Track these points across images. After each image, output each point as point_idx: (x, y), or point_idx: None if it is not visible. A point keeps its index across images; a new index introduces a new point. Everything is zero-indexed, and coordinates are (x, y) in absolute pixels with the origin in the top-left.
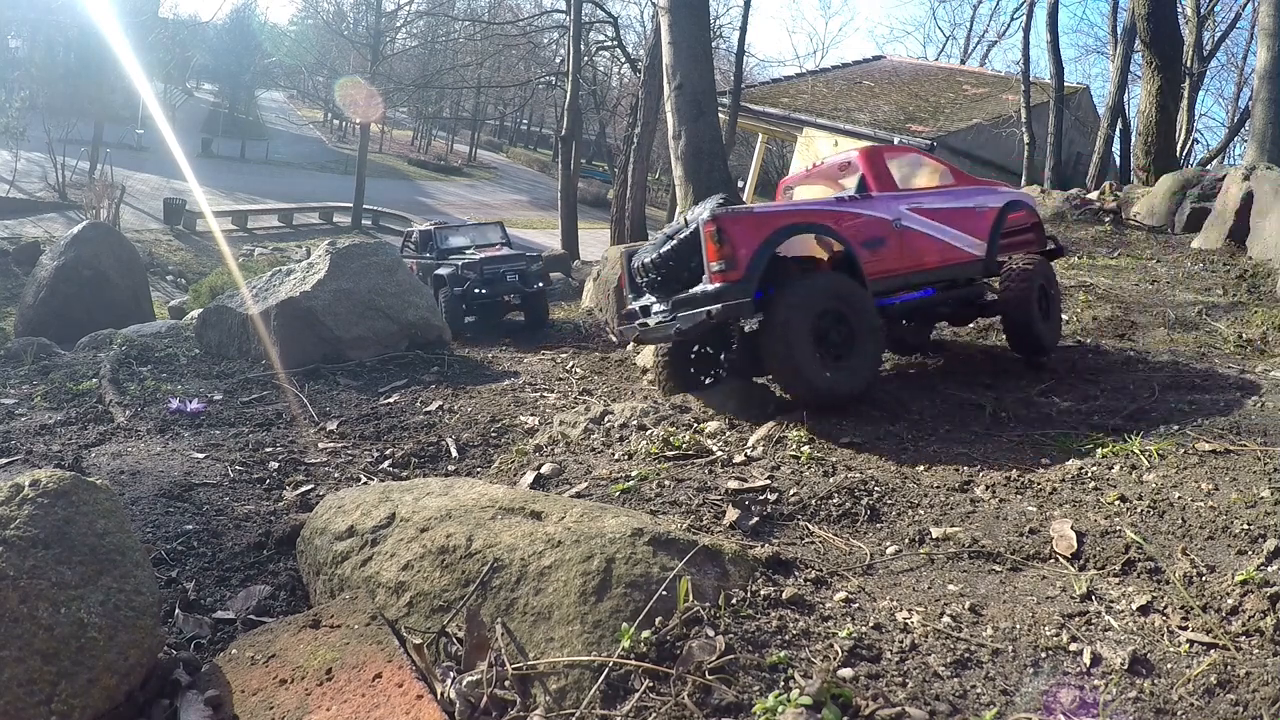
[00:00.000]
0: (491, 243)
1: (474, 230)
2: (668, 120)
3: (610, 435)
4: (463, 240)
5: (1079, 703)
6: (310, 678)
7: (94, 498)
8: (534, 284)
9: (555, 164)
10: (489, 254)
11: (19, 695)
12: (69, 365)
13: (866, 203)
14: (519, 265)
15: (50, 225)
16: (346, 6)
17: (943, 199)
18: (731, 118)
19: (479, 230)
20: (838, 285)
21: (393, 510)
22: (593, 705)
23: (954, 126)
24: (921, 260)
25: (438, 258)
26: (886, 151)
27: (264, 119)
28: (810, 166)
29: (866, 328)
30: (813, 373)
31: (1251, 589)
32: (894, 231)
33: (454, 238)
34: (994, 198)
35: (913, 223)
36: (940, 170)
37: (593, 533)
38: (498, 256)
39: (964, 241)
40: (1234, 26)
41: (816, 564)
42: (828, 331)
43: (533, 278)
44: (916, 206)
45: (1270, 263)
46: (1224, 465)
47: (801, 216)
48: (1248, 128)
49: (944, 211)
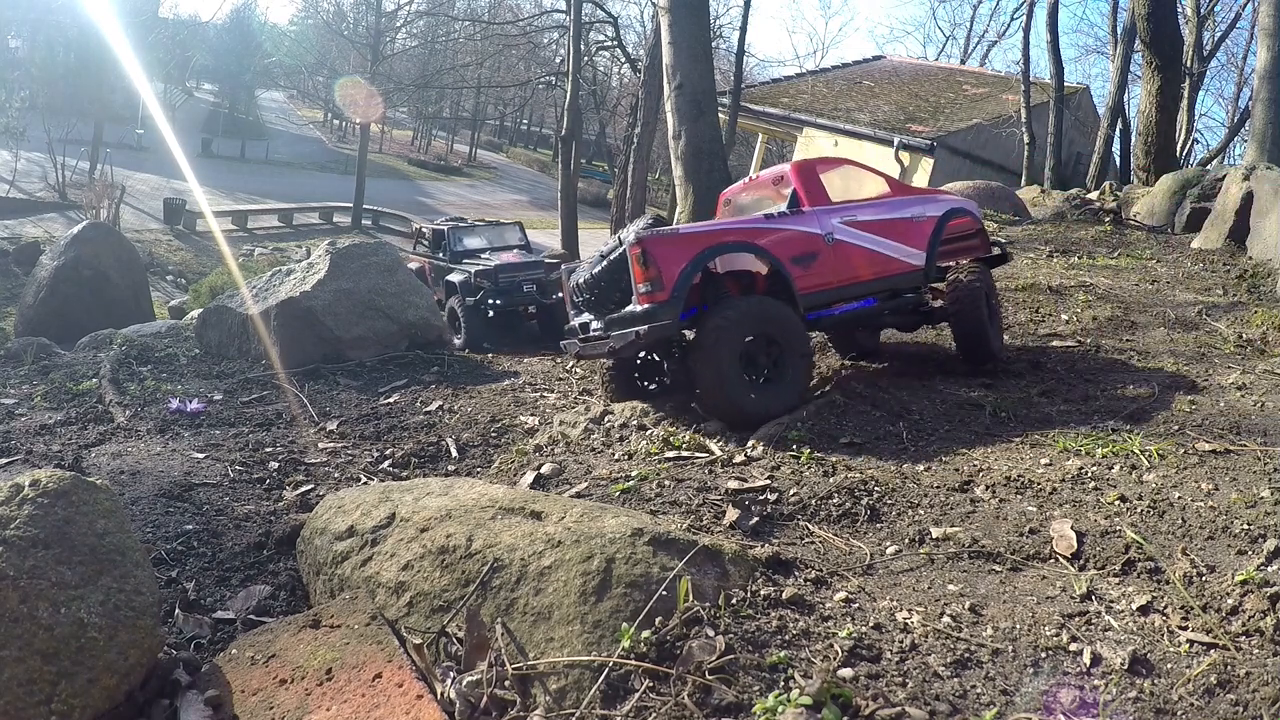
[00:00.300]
0: (509, 245)
1: (491, 231)
2: (668, 120)
3: (610, 435)
4: (479, 241)
5: (1079, 703)
6: (310, 678)
7: (94, 498)
8: (553, 294)
9: (555, 164)
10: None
11: (19, 695)
12: (69, 365)
13: (797, 218)
14: (537, 274)
15: (50, 225)
16: (346, 6)
17: (878, 210)
18: (731, 118)
19: (496, 231)
20: (766, 309)
21: (393, 510)
22: (593, 705)
23: (954, 126)
24: (856, 273)
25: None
26: (820, 164)
27: (264, 119)
28: (748, 179)
29: (796, 351)
30: (738, 395)
31: (1251, 589)
32: (826, 246)
33: (469, 238)
34: (933, 206)
35: (846, 236)
36: (878, 181)
37: (593, 533)
38: (515, 264)
39: (901, 252)
40: (1234, 26)
41: (816, 564)
42: (756, 355)
43: (552, 287)
44: (851, 220)
45: (1270, 263)
46: (1224, 465)
47: (728, 235)
48: (1248, 128)
49: (879, 223)
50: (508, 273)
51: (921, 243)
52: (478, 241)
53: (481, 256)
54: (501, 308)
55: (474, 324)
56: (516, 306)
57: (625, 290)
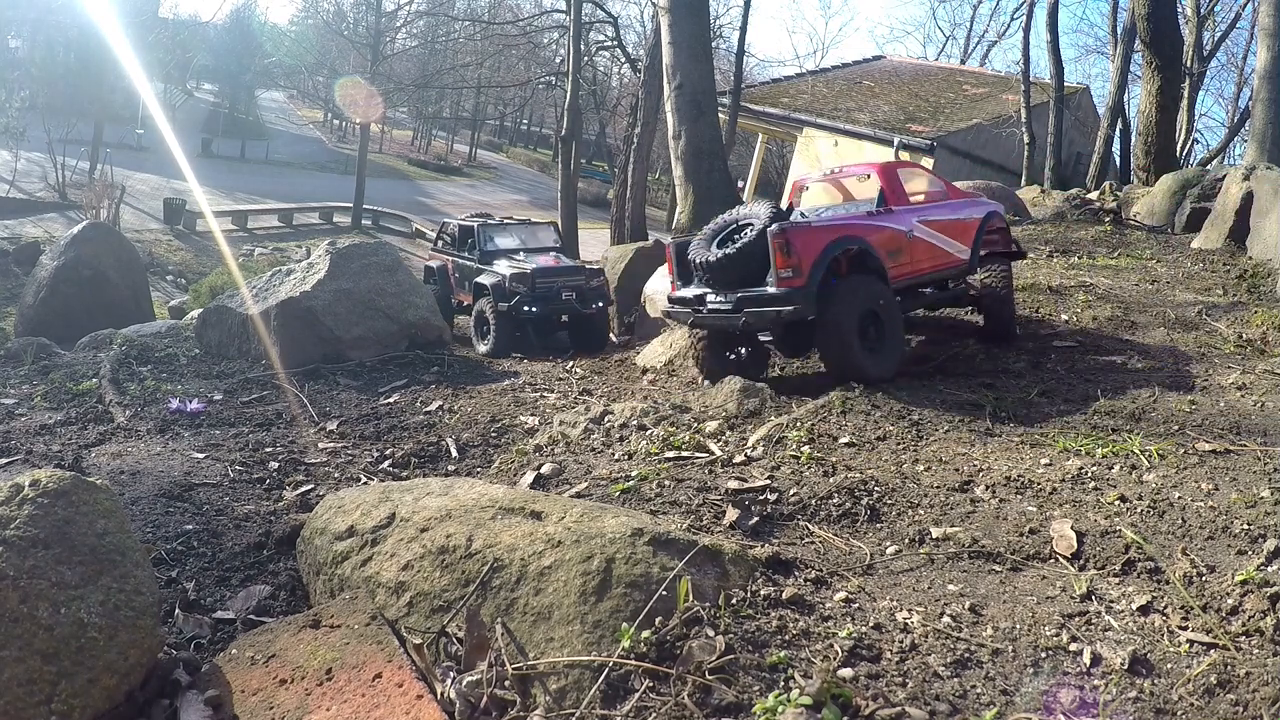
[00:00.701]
0: (545, 247)
1: (524, 230)
2: (668, 120)
3: (610, 435)
4: (511, 241)
5: (1079, 703)
6: (310, 678)
7: (94, 498)
8: (593, 303)
9: (555, 164)
10: (542, 263)
11: (19, 695)
12: (69, 365)
13: (890, 216)
14: (577, 280)
15: (50, 225)
16: (346, 6)
17: (941, 211)
18: (731, 118)
19: (529, 230)
20: (877, 289)
21: (393, 510)
22: (593, 705)
23: (954, 126)
24: (923, 265)
25: (481, 260)
26: (899, 167)
27: (264, 119)
28: (829, 171)
29: (894, 324)
30: (861, 358)
31: (1251, 589)
32: (907, 241)
33: (501, 237)
34: (978, 209)
35: (920, 233)
36: (935, 182)
37: (593, 533)
38: (553, 268)
39: (954, 248)
40: (1234, 26)
41: (816, 564)
42: (867, 328)
43: (592, 296)
44: (924, 219)
45: (1270, 263)
46: (1224, 465)
47: (848, 230)
48: (1248, 128)
49: (942, 223)
50: (546, 278)
51: (969, 240)
52: (510, 241)
53: (516, 258)
54: (538, 316)
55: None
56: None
57: (755, 271)
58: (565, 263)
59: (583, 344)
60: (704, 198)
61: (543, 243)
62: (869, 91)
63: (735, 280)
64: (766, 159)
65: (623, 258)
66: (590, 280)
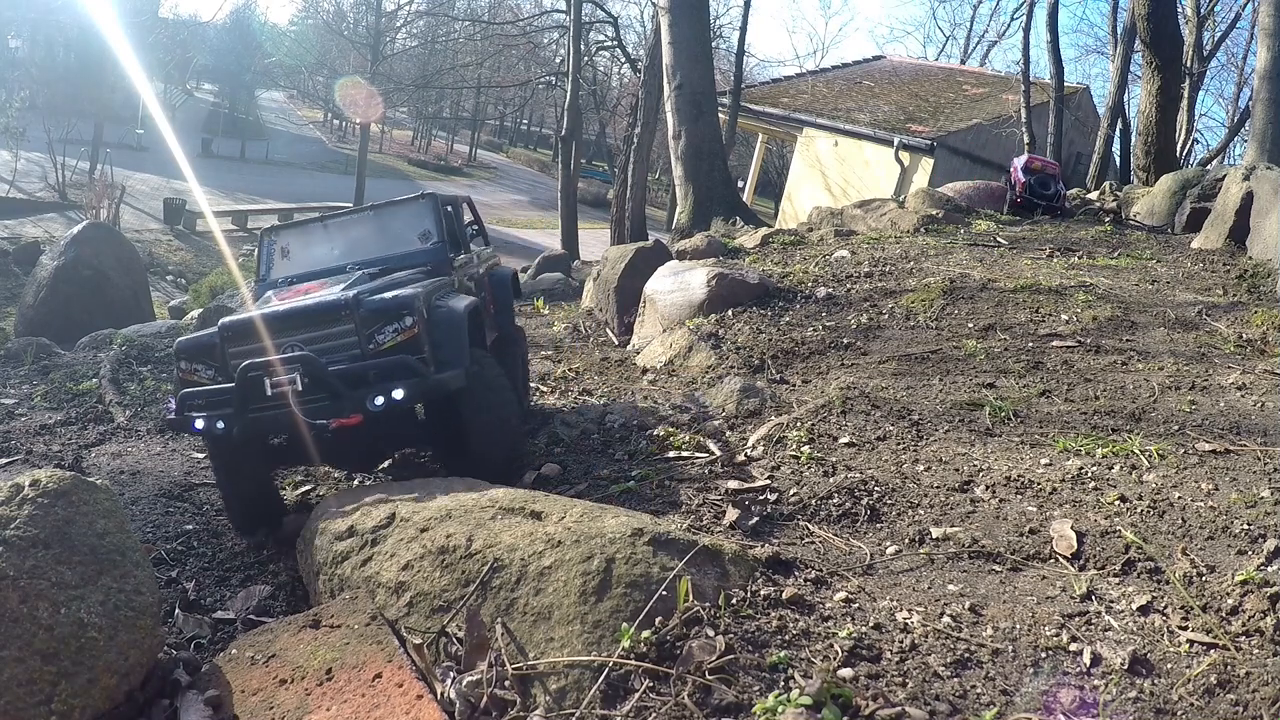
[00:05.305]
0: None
1: (370, 223)
2: (668, 120)
3: (610, 435)
4: (326, 252)
5: (1079, 703)
6: (310, 678)
7: (94, 498)
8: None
9: (555, 164)
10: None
11: (19, 695)
12: (69, 365)
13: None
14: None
15: (50, 225)
16: (346, 6)
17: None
18: (731, 118)
19: (380, 223)
20: None
21: (393, 510)
22: (593, 705)
23: (954, 126)
24: None
25: (256, 296)
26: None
27: (264, 119)
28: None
29: None
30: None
31: (1251, 589)
32: None
33: (303, 248)
34: None
35: None
36: None
37: (593, 533)
38: (283, 313)
39: None
40: (1234, 26)
41: (816, 564)
42: None
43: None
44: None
45: (1270, 263)
46: (1224, 465)
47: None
48: (1248, 128)
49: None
50: (250, 342)
51: None
52: (322, 252)
53: (293, 289)
54: (224, 445)
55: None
56: (259, 438)
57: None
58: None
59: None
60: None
61: (406, 248)
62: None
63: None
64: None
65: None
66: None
